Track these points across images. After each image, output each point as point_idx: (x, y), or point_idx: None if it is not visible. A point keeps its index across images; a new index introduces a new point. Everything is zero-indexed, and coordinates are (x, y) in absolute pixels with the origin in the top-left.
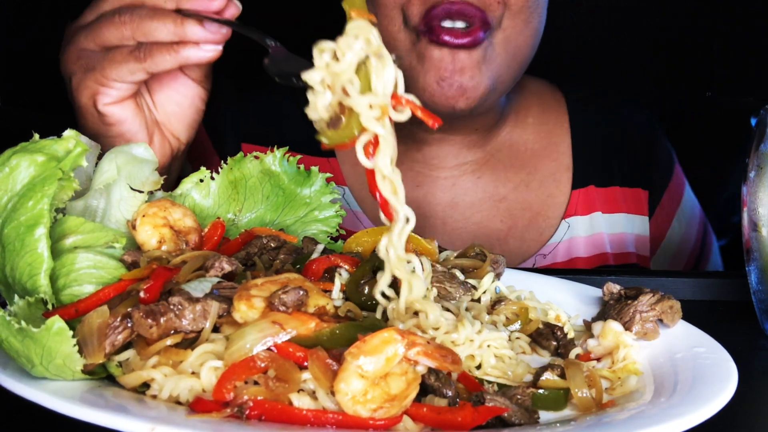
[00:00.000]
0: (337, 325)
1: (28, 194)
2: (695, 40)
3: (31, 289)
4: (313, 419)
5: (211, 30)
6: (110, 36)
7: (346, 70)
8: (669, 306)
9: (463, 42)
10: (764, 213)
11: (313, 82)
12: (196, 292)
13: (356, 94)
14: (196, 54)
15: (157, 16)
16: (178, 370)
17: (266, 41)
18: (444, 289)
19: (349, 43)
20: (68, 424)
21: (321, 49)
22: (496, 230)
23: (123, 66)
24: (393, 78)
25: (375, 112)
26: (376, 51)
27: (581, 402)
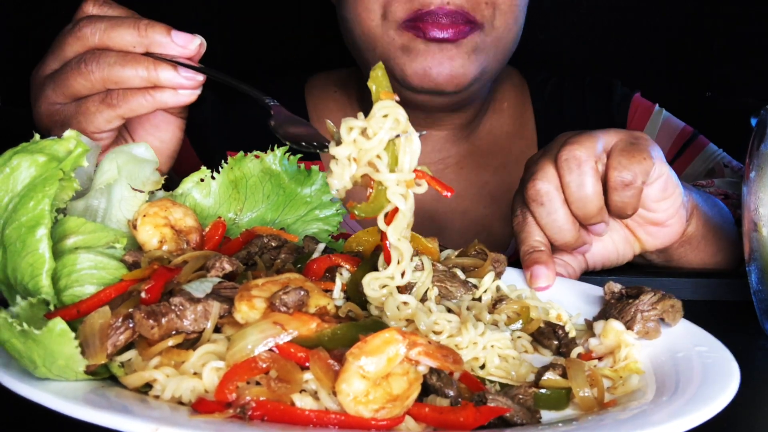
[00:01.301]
0: (338, 326)
1: (29, 194)
2: (695, 40)
3: (32, 289)
4: (315, 420)
5: (187, 76)
6: (78, 86)
7: (375, 147)
8: (670, 305)
9: (448, 35)
10: (764, 213)
11: (340, 156)
12: (197, 292)
13: (385, 169)
14: (173, 98)
15: (127, 63)
16: (180, 371)
17: (265, 101)
18: (445, 288)
19: (380, 123)
20: (72, 425)
21: (350, 127)
22: (482, 216)
23: (98, 116)
24: (418, 153)
25: (401, 188)
26: (405, 129)
27: (583, 401)
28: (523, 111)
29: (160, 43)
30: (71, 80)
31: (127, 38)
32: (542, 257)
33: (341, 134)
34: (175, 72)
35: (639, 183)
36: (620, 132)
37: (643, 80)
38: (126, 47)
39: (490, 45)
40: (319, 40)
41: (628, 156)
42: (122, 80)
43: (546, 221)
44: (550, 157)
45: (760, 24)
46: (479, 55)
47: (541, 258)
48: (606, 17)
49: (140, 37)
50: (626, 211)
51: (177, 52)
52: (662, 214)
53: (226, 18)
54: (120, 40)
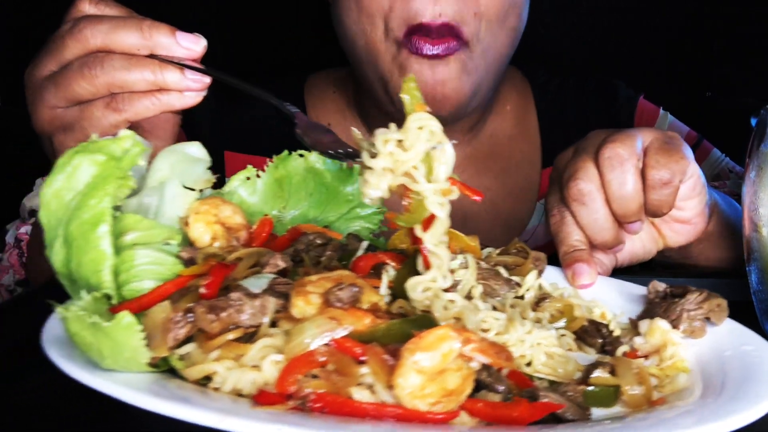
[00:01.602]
0: (392, 322)
1: (91, 193)
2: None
3: (95, 284)
4: (373, 412)
5: (194, 79)
6: (81, 91)
7: (413, 159)
8: (717, 304)
9: (438, 52)
10: (765, 213)
11: (377, 167)
12: (254, 288)
13: (423, 180)
14: (179, 101)
15: (133, 66)
16: (239, 364)
17: (286, 107)
18: (489, 286)
19: (416, 135)
20: (135, 414)
21: (386, 140)
22: (482, 220)
23: (103, 121)
24: (452, 163)
25: (438, 197)
26: (440, 140)
27: (632, 399)
28: (525, 113)
29: (165, 46)
30: (74, 84)
31: (131, 40)
32: (583, 255)
33: (377, 146)
34: (182, 75)
35: (677, 182)
36: (654, 131)
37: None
38: (130, 50)
39: (479, 60)
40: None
41: (666, 155)
42: (128, 84)
43: (587, 221)
44: (589, 156)
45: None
46: (470, 75)
47: (582, 256)
48: (606, 17)
49: (144, 40)
50: (662, 209)
51: (182, 54)
52: (689, 212)
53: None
54: (123, 43)
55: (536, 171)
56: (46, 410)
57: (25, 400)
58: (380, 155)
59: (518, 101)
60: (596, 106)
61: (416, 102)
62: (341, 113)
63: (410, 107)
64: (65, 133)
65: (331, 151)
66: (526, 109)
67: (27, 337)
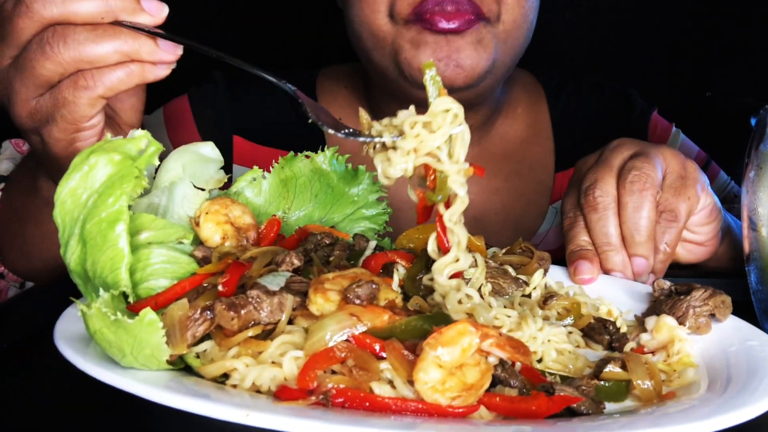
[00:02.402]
0: (411, 318)
1: (108, 191)
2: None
3: (111, 283)
4: (395, 407)
5: (167, 49)
6: (47, 73)
7: (438, 140)
8: (721, 301)
9: (455, 26)
10: (764, 213)
11: (406, 148)
12: (272, 285)
13: (447, 160)
14: (153, 73)
15: (100, 38)
16: (258, 360)
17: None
18: (498, 285)
19: (443, 118)
20: (153, 411)
21: (412, 123)
22: (492, 222)
23: (78, 104)
24: (468, 144)
25: (461, 177)
26: (461, 122)
27: (643, 393)
28: (537, 116)
29: (129, 9)
30: (37, 67)
31: (91, 7)
32: (588, 254)
33: (405, 128)
34: (155, 44)
35: (681, 223)
36: (675, 157)
37: (643, 80)
38: (93, 18)
39: (499, 38)
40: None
41: (677, 194)
42: (98, 59)
43: (598, 229)
44: (612, 169)
45: (760, 24)
46: (487, 47)
47: (587, 255)
48: (606, 17)
49: (107, 5)
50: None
51: (146, 20)
52: (703, 237)
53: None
54: (83, 11)
55: (549, 174)
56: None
57: (35, 396)
58: (408, 137)
59: (530, 104)
60: (611, 114)
61: (438, 87)
62: (352, 108)
63: (437, 92)
64: (49, 125)
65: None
66: (539, 112)
67: (30, 334)
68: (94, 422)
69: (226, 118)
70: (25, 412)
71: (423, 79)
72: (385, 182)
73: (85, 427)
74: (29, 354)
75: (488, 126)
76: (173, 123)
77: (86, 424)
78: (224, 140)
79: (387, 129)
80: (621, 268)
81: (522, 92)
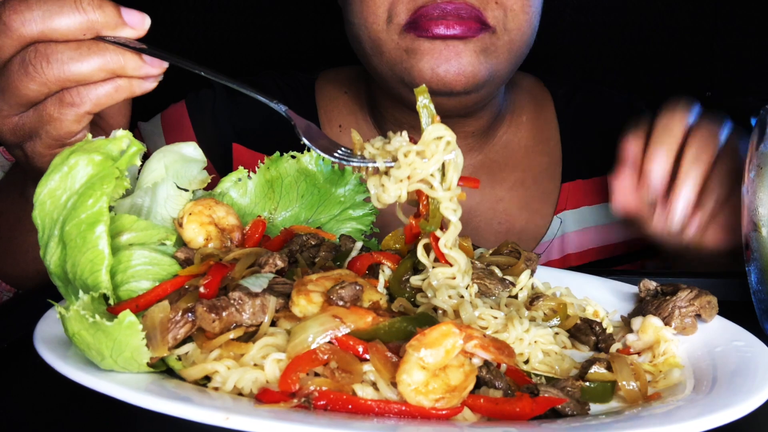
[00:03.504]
0: (395, 319)
1: (88, 192)
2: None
3: (92, 285)
4: (378, 409)
5: (153, 64)
6: (30, 93)
7: (431, 168)
8: (707, 301)
9: (456, 32)
10: (764, 213)
11: (400, 176)
12: (254, 287)
13: (440, 187)
14: (140, 88)
15: (85, 57)
16: (240, 363)
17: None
18: (484, 286)
19: (436, 146)
20: (135, 414)
21: (407, 152)
22: (495, 232)
23: (64, 121)
24: (461, 168)
25: (453, 204)
26: (454, 149)
27: (628, 394)
28: (545, 125)
29: (111, 25)
30: (21, 87)
31: (72, 24)
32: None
33: (399, 157)
34: (141, 59)
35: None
36: None
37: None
38: (74, 35)
39: (503, 48)
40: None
41: None
42: (83, 77)
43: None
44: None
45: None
46: (490, 56)
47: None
48: (606, 17)
49: (89, 21)
50: None
51: (129, 34)
52: None
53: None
54: (64, 28)
55: (555, 184)
56: (37, 411)
57: (18, 402)
58: (402, 165)
59: (536, 112)
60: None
61: (431, 114)
62: (353, 115)
63: (429, 119)
64: (32, 140)
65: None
66: (546, 120)
67: (18, 339)
68: (76, 425)
69: (224, 124)
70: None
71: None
72: (378, 206)
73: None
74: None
75: (491, 133)
76: (171, 130)
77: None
78: (223, 146)
79: (380, 152)
80: None
81: (527, 99)
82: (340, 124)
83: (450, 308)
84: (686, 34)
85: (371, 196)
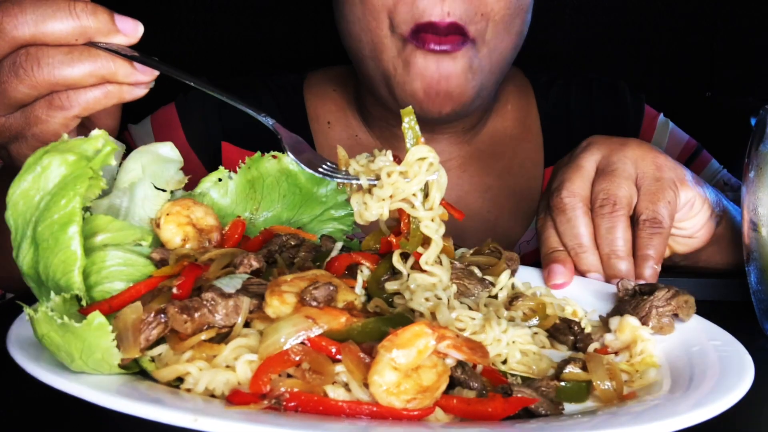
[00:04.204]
0: (368, 320)
1: (61, 193)
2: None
3: (64, 286)
4: (349, 410)
5: (144, 71)
6: (19, 95)
7: (413, 188)
8: (684, 300)
9: (445, 48)
10: (764, 213)
11: (383, 196)
12: (227, 288)
13: (421, 207)
14: (130, 94)
15: (76, 61)
16: (213, 364)
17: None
18: (463, 286)
19: (419, 166)
20: (105, 417)
21: (389, 172)
22: (485, 221)
23: (51, 123)
24: (445, 187)
25: (434, 224)
26: (437, 169)
27: (603, 394)
28: (527, 113)
29: (103, 32)
30: (10, 89)
31: (65, 28)
32: (560, 256)
33: (382, 177)
34: (132, 67)
35: (666, 227)
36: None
37: (644, 80)
38: (66, 40)
39: (484, 60)
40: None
41: (653, 200)
42: (73, 82)
43: (565, 231)
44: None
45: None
46: (475, 74)
47: (558, 257)
48: (606, 17)
49: (81, 27)
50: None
51: (122, 41)
52: (691, 230)
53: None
54: (57, 32)
55: (539, 170)
56: (12, 414)
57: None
58: (384, 185)
59: (519, 101)
60: (602, 108)
61: (416, 135)
62: (342, 112)
63: (414, 141)
64: (18, 141)
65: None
66: (528, 109)
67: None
68: (50, 427)
69: (214, 125)
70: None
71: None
72: (360, 223)
73: None
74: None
75: (480, 125)
76: (161, 132)
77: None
78: (213, 147)
79: (364, 170)
80: (596, 268)
81: (512, 89)
82: (329, 121)
83: (427, 310)
84: (686, 34)
85: (354, 213)
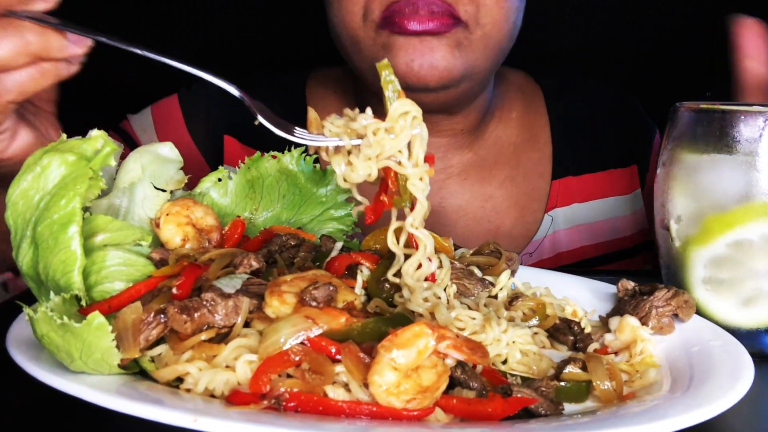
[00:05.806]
0: (368, 320)
1: (60, 193)
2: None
3: (64, 286)
4: (348, 410)
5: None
6: None
7: (400, 144)
8: (684, 301)
9: (429, 27)
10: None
11: (370, 154)
12: (227, 288)
13: (409, 165)
14: (67, 70)
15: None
16: (212, 364)
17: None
18: (463, 286)
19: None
20: (105, 416)
21: (375, 130)
22: (485, 231)
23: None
24: (426, 141)
25: (421, 184)
26: (419, 123)
27: (603, 394)
28: (535, 121)
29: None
30: None
31: None
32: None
33: (368, 135)
34: (65, 39)
35: None
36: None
37: (644, 80)
38: None
39: (478, 43)
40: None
41: None
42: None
43: None
44: None
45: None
46: (464, 51)
47: None
48: (606, 17)
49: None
50: None
51: (41, 6)
52: None
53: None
54: None
55: (546, 181)
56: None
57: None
58: (371, 144)
59: (526, 108)
60: (612, 122)
61: (396, 89)
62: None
63: (394, 95)
64: None
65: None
66: (536, 116)
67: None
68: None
69: (216, 119)
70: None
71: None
72: (344, 186)
73: None
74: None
75: (481, 130)
76: (163, 123)
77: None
78: (215, 140)
79: (344, 130)
80: None
81: (517, 95)
82: None
83: (426, 311)
84: (686, 34)
85: (336, 176)
